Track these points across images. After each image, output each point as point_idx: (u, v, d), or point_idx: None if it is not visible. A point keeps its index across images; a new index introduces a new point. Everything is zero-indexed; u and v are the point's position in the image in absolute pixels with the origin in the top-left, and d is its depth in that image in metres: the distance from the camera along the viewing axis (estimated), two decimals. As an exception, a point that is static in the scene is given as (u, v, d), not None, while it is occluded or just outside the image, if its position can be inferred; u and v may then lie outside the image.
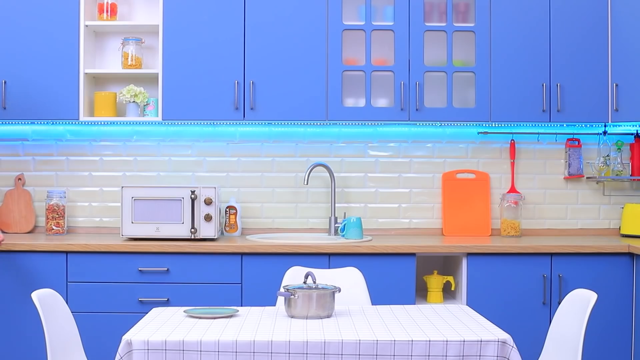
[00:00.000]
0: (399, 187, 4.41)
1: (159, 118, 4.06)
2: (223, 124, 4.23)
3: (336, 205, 4.31)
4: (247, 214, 4.33)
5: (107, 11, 4.17)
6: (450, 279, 3.94)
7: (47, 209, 4.18)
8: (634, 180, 4.39)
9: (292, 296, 2.69)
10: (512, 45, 4.09)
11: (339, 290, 2.77)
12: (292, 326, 2.56)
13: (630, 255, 3.84)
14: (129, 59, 4.17)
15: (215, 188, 3.91)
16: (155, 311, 2.84)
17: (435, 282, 3.95)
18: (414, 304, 3.75)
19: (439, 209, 4.41)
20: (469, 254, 3.82)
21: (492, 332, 2.49)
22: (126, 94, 4.10)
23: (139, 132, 4.37)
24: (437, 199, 4.41)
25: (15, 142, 4.37)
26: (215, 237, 3.91)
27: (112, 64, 4.33)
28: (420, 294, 4.05)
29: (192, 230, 3.88)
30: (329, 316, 2.72)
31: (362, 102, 4.15)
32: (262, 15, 4.03)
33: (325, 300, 2.70)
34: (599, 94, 4.12)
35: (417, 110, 4.07)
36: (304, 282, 2.80)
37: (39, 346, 3.75)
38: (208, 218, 3.88)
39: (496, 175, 4.42)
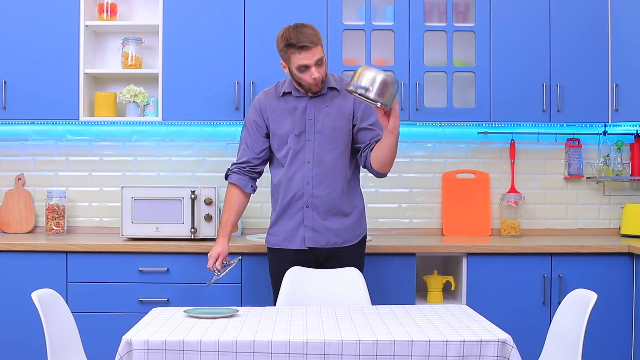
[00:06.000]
0: (399, 187, 4.41)
1: (159, 118, 4.06)
2: (223, 124, 4.23)
3: (336, 205, 4.30)
4: (247, 214, 4.32)
5: (107, 11, 4.17)
6: (450, 279, 3.94)
7: (47, 209, 4.18)
8: (634, 180, 4.39)
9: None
10: (512, 45, 4.09)
11: None
12: (292, 326, 2.56)
13: (630, 255, 3.84)
14: (129, 59, 4.17)
15: (215, 188, 3.91)
16: (155, 311, 2.84)
17: (435, 282, 3.95)
18: (414, 304, 3.75)
19: (439, 209, 4.41)
20: (469, 254, 3.82)
21: (492, 332, 2.49)
22: (126, 94, 4.10)
23: (139, 132, 4.37)
24: (437, 199, 4.41)
25: (15, 142, 4.37)
26: (215, 237, 3.91)
27: (112, 64, 4.33)
28: (420, 294, 4.04)
29: (192, 230, 3.88)
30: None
31: (362, 102, 4.14)
32: (262, 15, 4.03)
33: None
34: (599, 94, 4.12)
35: (417, 110, 4.06)
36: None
37: (39, 346, 3.74)
38: (208, 218, 3.88)
39: (496, 175, 4.42)
